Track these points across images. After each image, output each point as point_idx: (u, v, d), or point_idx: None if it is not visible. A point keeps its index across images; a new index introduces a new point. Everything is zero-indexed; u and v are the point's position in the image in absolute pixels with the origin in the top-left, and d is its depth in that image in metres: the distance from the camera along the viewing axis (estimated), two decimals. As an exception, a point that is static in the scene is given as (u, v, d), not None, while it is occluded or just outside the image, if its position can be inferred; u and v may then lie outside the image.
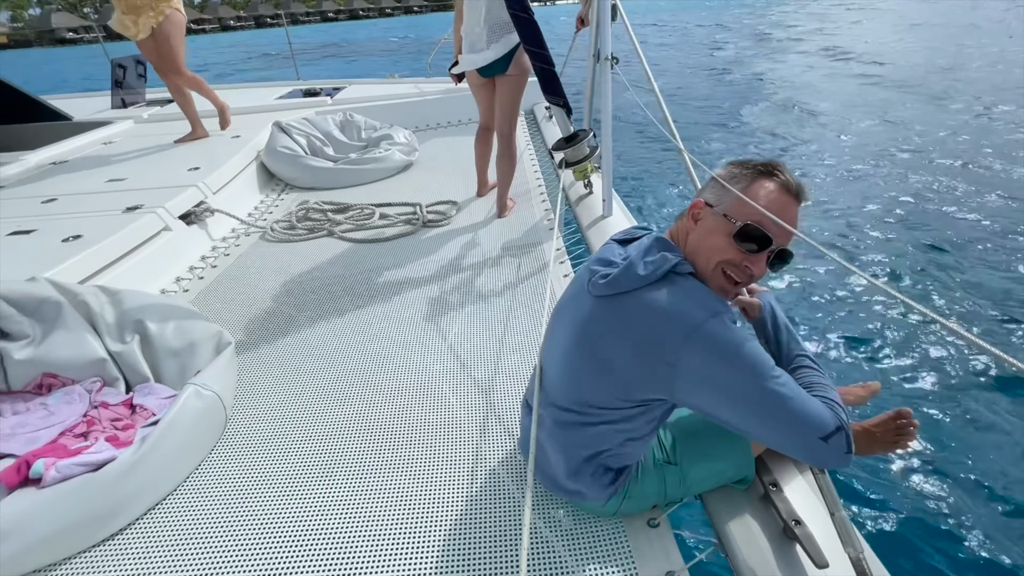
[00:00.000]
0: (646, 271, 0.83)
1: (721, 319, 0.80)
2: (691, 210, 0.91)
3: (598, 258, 0.92)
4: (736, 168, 0.91)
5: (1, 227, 2.19)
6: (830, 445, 0.78)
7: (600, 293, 0.86)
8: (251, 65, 25.93)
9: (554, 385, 0.97)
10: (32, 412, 1.41)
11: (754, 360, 0.79)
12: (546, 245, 2.25)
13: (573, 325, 0.92)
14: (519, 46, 2.21)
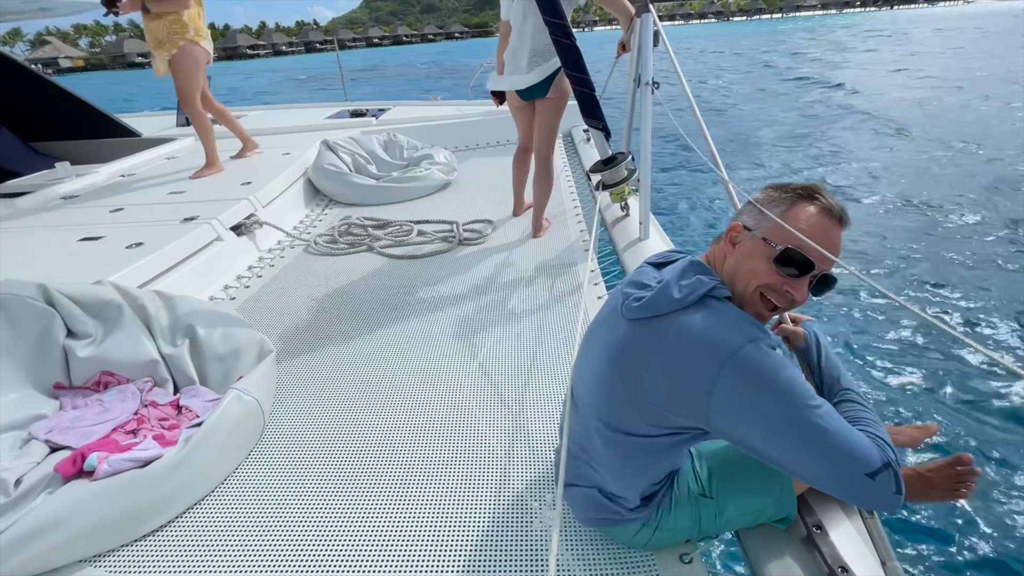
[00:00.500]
0: (681, 294, 0.81)
1: (759, 345, 0.77)
2: (729, 233, 0.90)
3: (632, 280, 0.91)
4: (775, 192, 0.89)
5: (74, 233, 2.37)
6: (877, 483, 0.73)
7: (634, 316, 0.84)
8: (303, 87, 27.40)
9: (586, 408, 0.96)
10: (89, 407, 1.49)
11: (793, 388, 0.75)
12: (580, 266, 2.25)
13: (606, 348, 0.90)
14: (560, 70, 2.25)
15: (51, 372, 1.50)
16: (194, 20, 2.97)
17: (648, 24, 1.96)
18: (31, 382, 1.47)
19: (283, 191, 3.10)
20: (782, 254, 0.82)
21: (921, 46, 23.58)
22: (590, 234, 2.50)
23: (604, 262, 2.21)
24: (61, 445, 1.37)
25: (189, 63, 2.99)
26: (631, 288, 0.88)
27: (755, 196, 0.91)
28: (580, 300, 1.98)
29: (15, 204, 2.87)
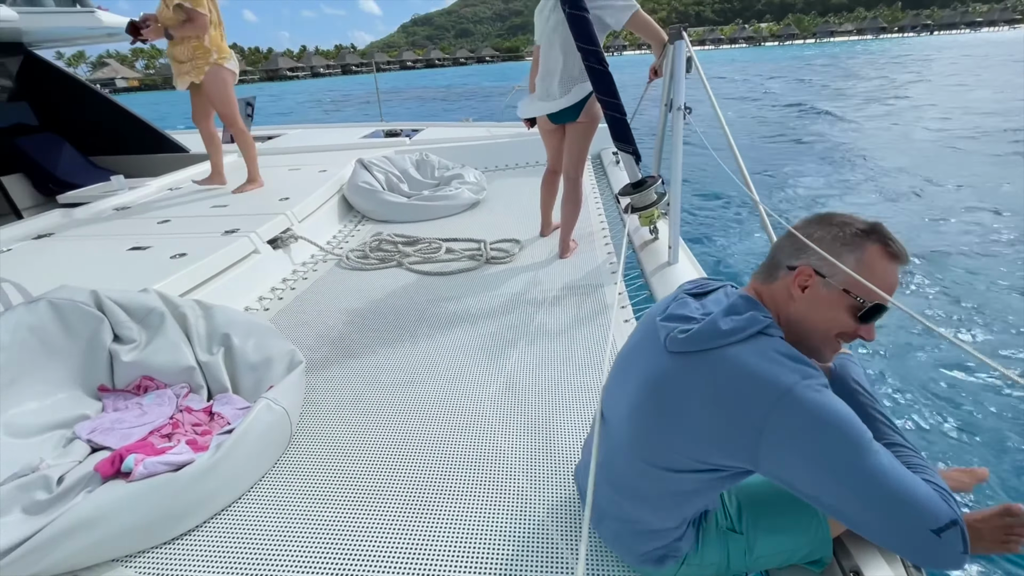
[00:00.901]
0: (732, 328, 0.79)
1: (813, 383, 0.74)
2: (797, 277, 0.84)
3: (672, 312, 0.89)
4: (837, 228, 0.83)
5: (125, 242, 2.50)
6: (942, 541, 0.68)
7: (678, 349, 0.82)
8: (339, 107, 28.50)
9: (618, 439, 0.94)
10: (129, 410, 1.56)
11: (851, 430, 0.72)
12: (607, 288, 2.24)
13: (645, 380, 0.88)
14: (591, 95, 2.28)
15: (97, 374, 1.58)
16: (216, 42, 3.09)
17: (681, 51, 1.98)
18: (79, 383, 1.54)
19: (319, 207, 3.21)
20: (870, 310, 0.80)
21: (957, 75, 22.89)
22: (618, 256, 2.49)
23: (631, 285, 2.20)
24: (102, 445, 1.43)
25: (220, 86, 3.10)
26: (673, 320, 0.86)
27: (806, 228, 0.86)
28: (607, 322, 1.96)
29: (73, 214, 3.06)
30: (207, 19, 2.94)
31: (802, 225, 0.87)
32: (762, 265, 0.91)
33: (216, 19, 3.07)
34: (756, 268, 0.92)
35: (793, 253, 0.86)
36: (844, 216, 0.85)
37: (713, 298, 0.89)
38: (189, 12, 2.87)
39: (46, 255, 2.47)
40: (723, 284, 0.94)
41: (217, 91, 3.11)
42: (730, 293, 0.89)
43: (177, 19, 2.90)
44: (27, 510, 1.19)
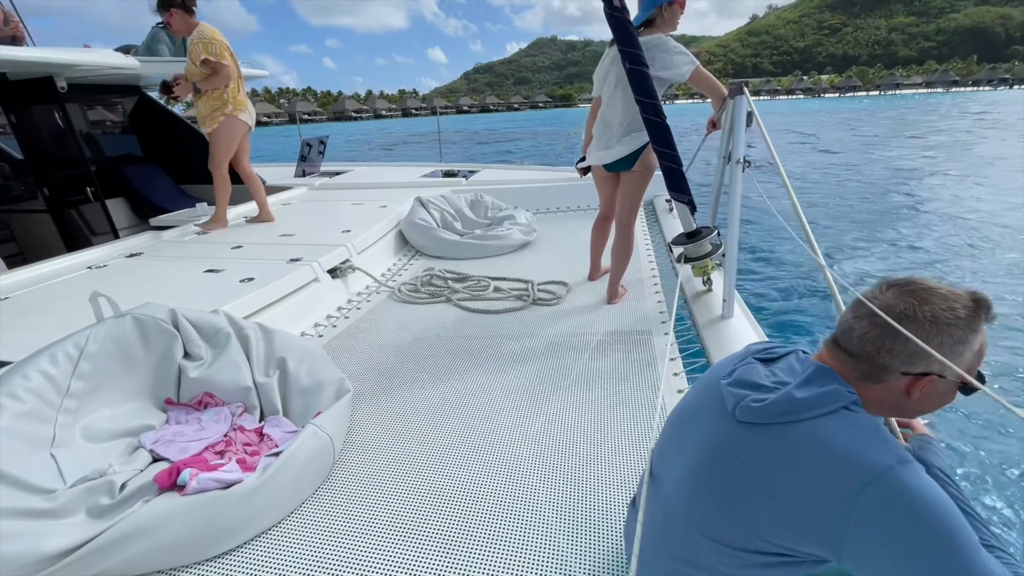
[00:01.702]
0: (812, 400, 0.73)
1: (911, 467, 0.67)
2: (919, 386, 0.76)
3: (741, 378, 0.84)
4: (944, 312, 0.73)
5: (202, 264, 2.71)
6: None
7: (751, 419, 0.78)
8: (402, 146, 30.26)
9: (674, 505, 0.88)
10: (189, 424, 1.64)
11: (956, 527, 0.64)
12: (657, 338, 2.18)
13: (708, 447, 0.83)
14: (647, 145, 2.31)
15: (166, 388, 1.68)
16: (233, 94, 3.33)
17: (742, 105, 1.98)
18: (149, 395, 1.65)
19: (376, 240, 3.36)
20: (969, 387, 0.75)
21: None
22: (669, 306, 2.44)
23: (682, 337, 2.13)
24: (162, 456, 1.50)
25: (223, 133, 3.35)
26: (741, 387, 0.82)
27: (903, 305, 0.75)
28: (656, 374, 1.90)
29: (162, 236, 3.36)
30: (230, 70, 3.21)
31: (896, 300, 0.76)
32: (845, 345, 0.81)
33: (236, 73, 3.35)
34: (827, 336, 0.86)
35: (907, 359, 0.74)
36: (941, 291, 0.75)
37: (784, 365, 0.84)
38: (214, 65, 3.14)
39: (135, 272, 2.71)
40: (792, 349, 0.89)
41: (220, 136, 3.35)
42: (803, 360, 0.83)
43: (203, 73, 3.17)
44: (91, 513, 1.26)
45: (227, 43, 3.24)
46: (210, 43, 3.12)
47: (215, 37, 3.16)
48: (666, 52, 2.13)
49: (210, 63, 3.12)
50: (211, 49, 3.12)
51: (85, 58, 3.44)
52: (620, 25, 1.98)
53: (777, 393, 0.77)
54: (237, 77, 3.37)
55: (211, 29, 3.18)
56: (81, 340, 1.54)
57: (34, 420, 1.35)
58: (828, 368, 0.80)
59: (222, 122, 3.32)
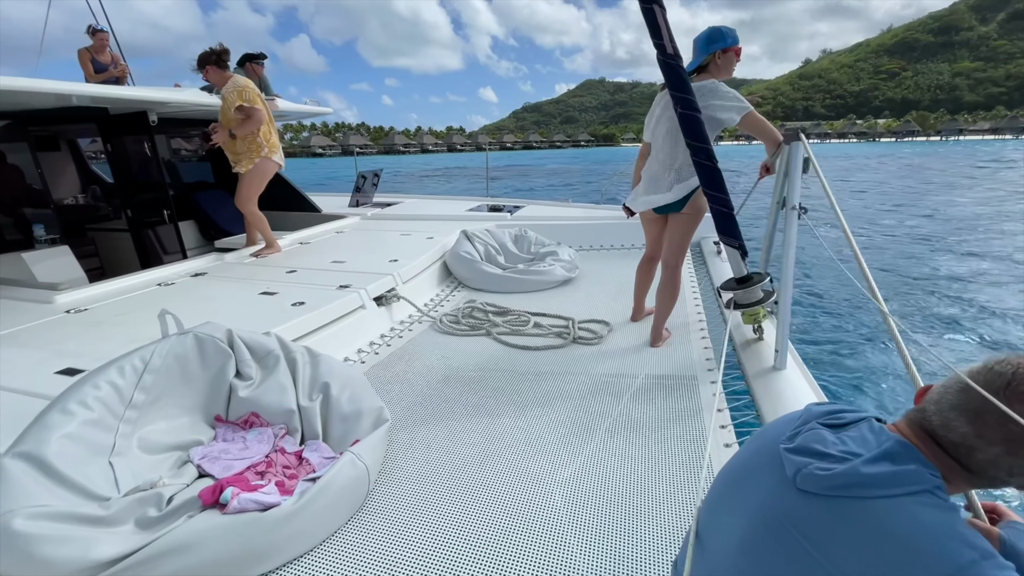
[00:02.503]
0: (889, 477, 0.67)
1: (996, 563, 0.61)
2: None
3: (804, 445, 0.78)
4: None
5: (258, 287, 2.86)
6: None
7: (813, 489, 0.72)
8: (449, 180, 31.38)
9: (723, 572, 0.83)
10: (234, 442, 1.69)
11: None
12: (703, 387, 2.09)
13: (764, 515, 0.77)
14: (697, 189, 2.28)
15: (216, 405, 1.75)
16: (267, 137, 3.56)
17: (798, 152, 1.94)
18: (200, 411, 1.72)
19: (422, 271, 3.45)
20: None
21: None
22: (716, 354, 2.35)
23: (730, 387, 2.03)
24: (207, 472, 1.55)
25: (256, 175, 3.61)
26: (804, 454, 0.76)
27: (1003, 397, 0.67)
28: (702, 425, 1.82)
29: (224, 258, 3.58)
30: (263, 114, 3.46)
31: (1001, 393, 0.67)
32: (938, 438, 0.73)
33: (268, 117, 3.59)
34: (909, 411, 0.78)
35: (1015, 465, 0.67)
36: None
37: (855, 434, 0.77)
38: (248, 111, 3.41)
39: (199, 290, 2.88)
40: (864, 416, 0.81)
41: (252, 178, 3.60)
42: (878, 431, 0.76)
43: (238, 119, 3.43)
44: (139, 524, 1.31)
45: (258, 91, 3.54)
46: (243, 91, 3.41)
47: (248, 86, 3.45)
48: (719, 97, 2.13)
49: (244, 109, 3.40)
50: (245, 96, 3.40)
51: (175, 96, 3.82)
52: (673, 71, 2.00)
53: (847, 464, 0.70)
54: (268, 121, 3.62)
55: (244, 80, 3.48)
56: (147, 354, 1.63)
57: (98, 428, 1.43)
58: (909, 444, 0.73)
59: (257, 163, 3.57)
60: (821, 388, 1.82)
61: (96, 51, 4.92)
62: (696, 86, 2.12)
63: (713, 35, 2.18)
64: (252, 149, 3.56)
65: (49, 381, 1.74)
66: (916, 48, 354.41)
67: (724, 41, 2.18)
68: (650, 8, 1.92)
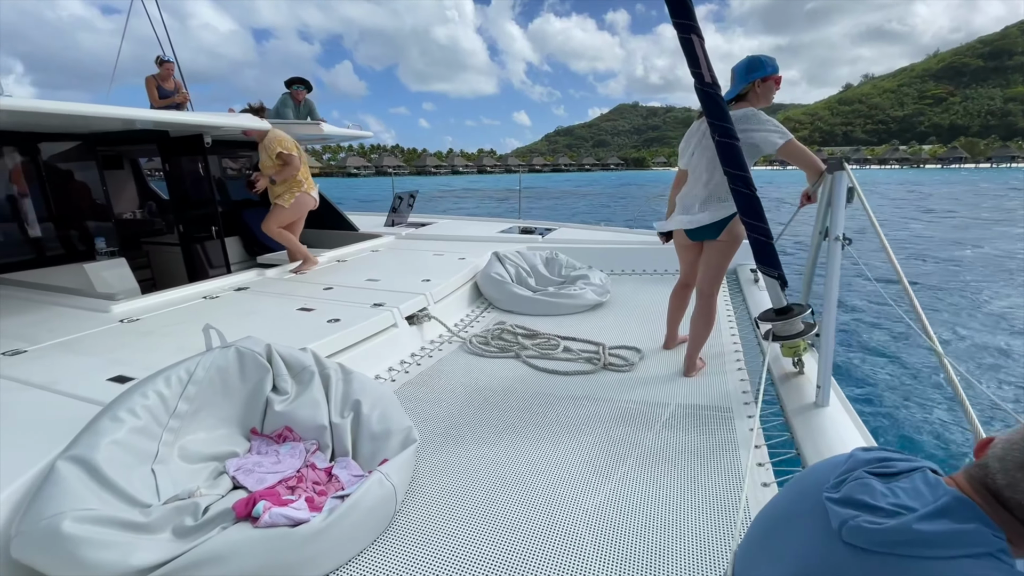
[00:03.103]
0: (947, 537, 0.63)
1: None
2: None
3: (851, 495, 0.73)
4: None
5: (296, 303, 2.95)
6: None
7: (861, 543, 0.68)
8: (478, 200, 31.89)
9: None
10: (268, 456, 1.73)
11: None
12: (739, 420, 2.02)
13: (803, 565, 0.74)
14: (734, 215, 2.25)
15: (252, 418, 1.80)
16: (304, 175, 3.94)
17: (842, 181, 1.89)
18: (237, 423, 1.77)
19: (453, 291, 3.49)
20: None
21: None
22: (753, 386, 2.27)
23: (769, 422, 1.95)
24: (241, 484, 1.58)
25: (294, 209, 3.95)
26: (850, 505, 0.72)
27: None
28: (737, 461, 1.75)
29: (265, 273, 3.72)
30: (298, 160, 3.87)
31: None
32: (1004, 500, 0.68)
33: (303, 159, 3.98)
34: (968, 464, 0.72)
35: None
36: None
37: (907, 485, 0.72)
38: (286, 158, 3.81)
39: (241, 304, 3.00)
40: (917, 466, 0.75)
41: (294, 209, 3.97)
42: (934, 484, 0.71)
43: (277, 165, 3.82)
44: (176, 532, 1.34)
45: (295, 141, 3.97)
46: (283, 140, 3.85)
47: (286, 137, 3.90)
48: (758, 125, 2.11)
49: (283, 156, 3.83)
50: (285, 145, 3.83)
51: (229, 121, 4.06)
52: (711, 99, 2.00)
53: (899, 519, 0.66)
54: (304, 161, 4.03)
55: (282, 132, 3.94)
56: (192, 365, 1.70)
57: (144, 436, 1.49)
58: (969, 501, 0.67)
59: (298, 197, 3.95)
60: (869, 430, 1.73)
61: (162, 79, 5.29)
62: (735, 114, 2.10)
63: (753, 64, 2.18)
64: (292, 187, 3.94)
65: (101, 388, 1.83)
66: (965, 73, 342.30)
67: (764, 70, 2.16)
68: (688, 38, 1.93)
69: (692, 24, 1.91)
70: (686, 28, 1.91)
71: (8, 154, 3.93)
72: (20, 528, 1.20)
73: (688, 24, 1.91)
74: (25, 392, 1.82)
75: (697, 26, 1.93)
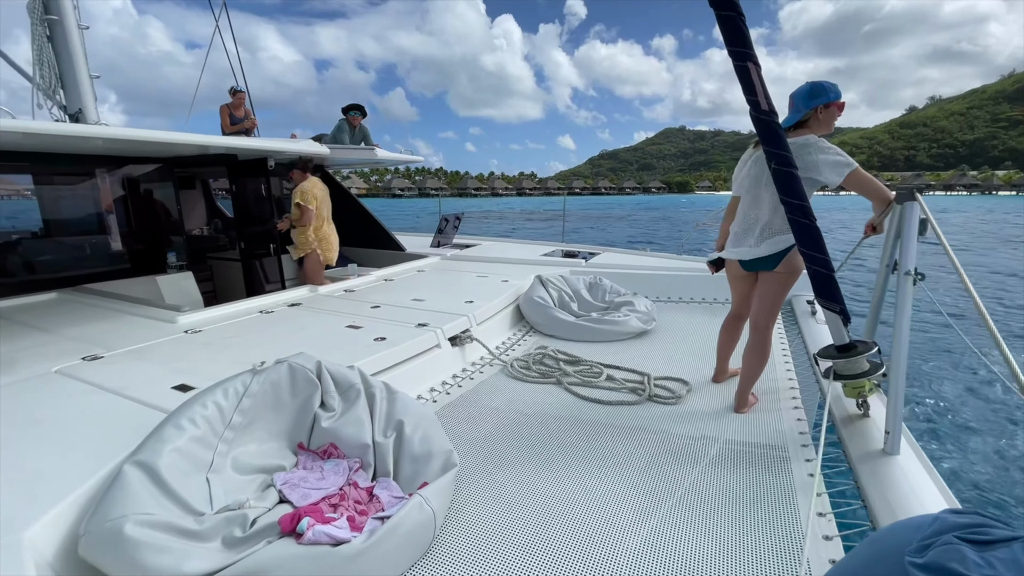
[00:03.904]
0: None
1: None
2: None
3: (938, 562, 0.66)
4: None
5: (345, 320, 3.04)
6: None
7: None
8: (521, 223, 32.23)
9: None
10: (313, 471, 1.76)
11: None
12: (796, 464, 1.89)
13: None
14: (793, 246, 2.15)
15: (300, 433, 1.85)
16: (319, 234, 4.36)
17: (914, 212, 1.78)
18: (286, 437, 1.82)
19: (495, 313, 3.50)
20: None
21: None
22: (812, 427, 2.13)
23: (830, 468, 1.82)
24: (286, 498, 1.62)
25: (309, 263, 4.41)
26: (940, 574, 0.66)
27: None
28: (795, 509, 1.63)
29: (317, 291, 3.87)
30: (312, 213, 4.24)
31: None
32: None
33: (325, 215, 4.38)
34: None
35: None
36: None
37: (1006, 556, 0.64)
38: (302, 208, 4.22)
39: (293, 320, 3.13)
40: (1017, 536, 0.68)
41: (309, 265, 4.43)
42: None
43: (297, 214, 4.24)
44: (225, 542, 1.38)
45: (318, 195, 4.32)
46: (304, 193, 4.22)
47: (310, 189, 4.26)
48: (820, 153, 2.03)
49: (299, 207, 4.22)
50: (304, 197, 4.21)
51: (291, 146, 4.33)
52: (768, 127, 1.94)
53: None
54: (326, 219, 4.43)
55: (309, 185, 4.29)
56: (248, 379, 1.78)
57: (201, 445, 1.56)
58: None
59: (308, 255, 4.41)
60: (947, 485, 1.57)
61: (234, 107, 5.73)
62: (794, 141, 2.03)
63: (815, 90, 2.10)
64: (304, 243, 4.37)
65: (166, 395, 1.94)
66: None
67: (827, 96, 2.09)
68: (744, 66, 1.90)
69: (748, 52, 1.88)
70: (742, 56, 1.88)
71: (100, 175, 4.34)
72: (87, 527, 1.27)
73: (744, 52, 1.88)
74: (99, 395, 1.96)
75: (753, 53, 1.89)
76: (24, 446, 1.57)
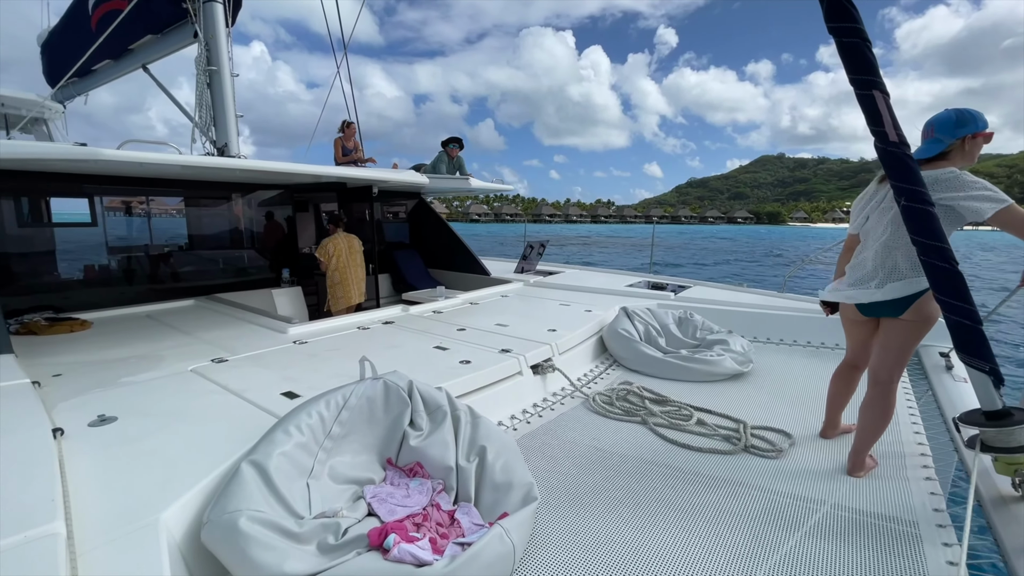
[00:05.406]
0: None
1: None
2: None
3: None
4: None
5: (433, 340, 3.17)
6: None
7: None
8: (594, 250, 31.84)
9: None
10: (399, 488, 1.83)
11: None
12: (930, 547, 1.61)
13: None
14: (926, 291, 1.90)
15: (390, 449, 1.93)
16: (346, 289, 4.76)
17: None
18: (376, 451, 1.92)
19: (578, 344, 3.45)
20: None
21: None
22: (950, 504, 1.82)
23: (977, 557, 1.53)
24: (374, 512, 1.69)
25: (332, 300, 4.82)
26: None
27: None
28: None
29: (409, 309, 4.09)
30: (324, 265, 4.73)
31: None
32: None
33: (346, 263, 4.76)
34: None
35: None
36: None
37: None
38: (318, 260, 4.73)
39: (387, 338, 3.32)
40: None
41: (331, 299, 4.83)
42: None
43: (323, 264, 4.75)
44: (320, 547, 1.47)
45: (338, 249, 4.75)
46: (323, 248, 4.73)
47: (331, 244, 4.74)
48: (964, 188, 1.79)
49: (317, 260, 4.73)
50: (322, 252, 4.71)
51: (395, 176, 4.69)
52: (897, 160, 1.75)
53: None
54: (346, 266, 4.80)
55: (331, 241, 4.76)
56: (347, 392, 1.91)
57: (304, 451, 1.69)
58: None
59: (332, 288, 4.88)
60: None
61: (345, 140, 6.36)
62: (932, 174, 1.82)
63: (963, 118, 1.87)
64: (334, 296, 4.84)
65: (276, 401, 2.14)
66: None
67: (976, 125, 1.85)
68: (869, 95, 1.74)
69: (875, 80, 1.72)
70: (866, 84, 1.74)
71: (235, 199, 5.00)
72: (209, 516, 1.42)
73: (869, 80, 1.73)
74: (224, 396, 2.20)
75: (880, 81, 1.74)
76: (164, 436, 1.80)
